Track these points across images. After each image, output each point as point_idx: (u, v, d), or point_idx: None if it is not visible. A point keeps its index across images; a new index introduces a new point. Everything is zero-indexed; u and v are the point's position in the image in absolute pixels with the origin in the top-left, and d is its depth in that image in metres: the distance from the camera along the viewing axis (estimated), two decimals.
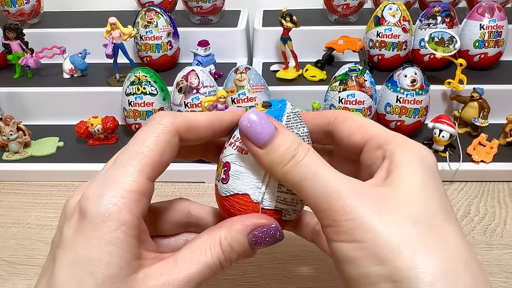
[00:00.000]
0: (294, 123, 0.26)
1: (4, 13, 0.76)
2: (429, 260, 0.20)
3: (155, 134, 0.24)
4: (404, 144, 0.25)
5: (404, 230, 0.21)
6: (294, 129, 0.26)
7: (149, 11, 0.69)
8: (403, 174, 0.23)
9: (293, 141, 0.23)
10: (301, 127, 0.26)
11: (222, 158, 0.27)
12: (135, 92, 0.58)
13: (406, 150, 0.24)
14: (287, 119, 0.26)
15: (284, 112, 0.26)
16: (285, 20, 0.66)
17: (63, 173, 0.58)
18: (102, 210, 0.22)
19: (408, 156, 0.24)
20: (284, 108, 0.26)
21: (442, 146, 0.57)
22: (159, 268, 0.23)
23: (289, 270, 0.43)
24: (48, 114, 0.67)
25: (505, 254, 0.46)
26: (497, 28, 0.67)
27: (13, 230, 0.50)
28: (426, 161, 0.24)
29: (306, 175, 0.22)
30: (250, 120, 0.24)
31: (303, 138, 0.26)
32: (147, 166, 0.23)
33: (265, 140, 0.23)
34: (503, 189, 0.55)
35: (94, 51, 0.70)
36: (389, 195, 0.22)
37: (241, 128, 0.24)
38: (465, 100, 0.62)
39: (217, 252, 0.24)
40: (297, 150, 0.23)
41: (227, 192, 0.26)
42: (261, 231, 0.24)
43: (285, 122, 0.26)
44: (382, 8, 0.67)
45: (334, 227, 0.22)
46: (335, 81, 0.58)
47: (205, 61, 0.68)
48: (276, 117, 0.26)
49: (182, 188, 0.56)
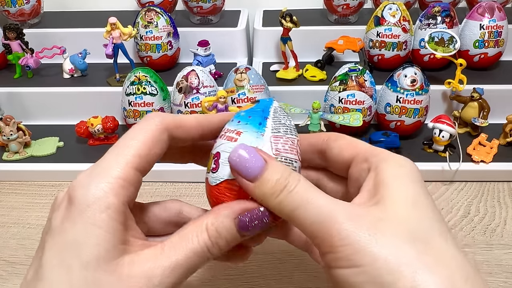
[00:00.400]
0: (280, 115, 0.27)
1: (4, 13, 0.76)
2: (430, 279, 0.20)
3: (143, 130, 0.25)
4: (388, 157, 0.26)
5: (401, 250, 0.21)
6: (282, 120, 0.27)
7: (149, 11, 0.69)
8: (392, 190, 0.24)
9: (283, 171, 0.24)
10: (287, 119, 0.27)
11: (212, 152, 0.28)
12: (135, 92, 0.58)
13: (391, 163, 0.25)
14: (274, 111, 0.27)
15: (271, 105, 0.27)
16: (285, 20, 0.66)
17: (63, 173, 0.58)
18: (89, 195, 0.22)
19: (394, 169, 0.25)
20: (272, 102, 0.28)
21: (442, 146, 0.58)
22: (146, 254, 0.23)
23: (289, 270, 0.43)
24: (48, 114, 0.67)
25: (505, 254, 0.46)
26: (497, 28, 0.67)
27: (13, 230, 0.50)
28: (412, 173, 0.25)
29: (299, 204, 0.23)
30: (239, 156, 0.24)
31: (291, 130, 0.27)
32: (135, 157, 0.24)
33: (255, 174, 0.24)
34: (503, 189, 0.55)
35: (94, 51, 0.70)
36: (382, 214, 0.22)
37: (231, 164, 0.24)
38: (465, 100, 0.62)
39: (203, 238, 0.24)
40: (288, 180, 0.23)
41: (216, 181, 0.26)
42: (247, 215, 0.24)
43: (272, 114, 0.27)
44: (382, 8, 0.67)
45: (332, 253, 0.22)
46: (335, 81, 0.58)
47: (205, 61, 0.68)
48: (264, 110, 0.27)
49: (182, 188, 0.56)
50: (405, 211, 0.23)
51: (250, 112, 0.27)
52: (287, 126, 0.27)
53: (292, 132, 0.27)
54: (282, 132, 0.26)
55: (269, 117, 0.26)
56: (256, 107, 0.27)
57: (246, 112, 0.27)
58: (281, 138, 0.26)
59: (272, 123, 0.26)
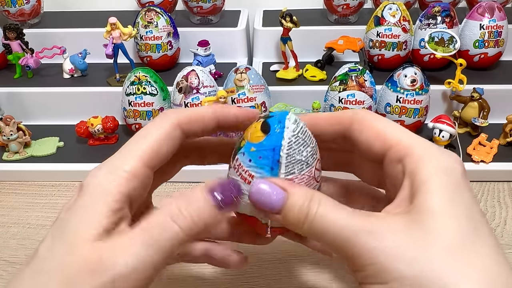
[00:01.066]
0: (296, 147, 0.25)
1: (4, 13, 0.76)
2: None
3: (156, 127, 0.26)
4: (425, 156, 0.23)
5: (432, 265, 0.20)
6: (297, 156, 0.25)
7: (149, 11, 0.69)
8: (426, 200, 0.22)
9: (304, 198, 0.23)
10: (304, 149, 0.25)
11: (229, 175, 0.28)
12: (135, 92, 0.58)
13: (428, 166, 0.23)
14: (288, 147, 0.25)
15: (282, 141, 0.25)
16: (285, 20, 0.66)
17: (63, 173, 0.58)
18: (95, 182, 0.24)
19: (430, 174, 0.23)
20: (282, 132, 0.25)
21: (442, 146, 0.58)
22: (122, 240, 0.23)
23: (289, 270, 0.43)
24: (48, 114, 0.67)
25: (505, 254, 0.46)
26: (497, 28, 0.67)
27: (13, 230, 0.50)
28: (451, 173, 0.23)
29: (324, 228, 0.23)
30: (260, 192, 0.24)
31: (307, 162, 0.26)
32: (145, 153, 0.25)
33: (278, 208, 0.24)
34: (503, 189, 0.55)
35: (94, 51, 0.70)
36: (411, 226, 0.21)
37: (252, 200, 0.25)
38: (465, 100, 0.62)
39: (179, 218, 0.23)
40: (309, 206, 0.23)
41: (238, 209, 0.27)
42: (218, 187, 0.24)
43: (285, 152, 0.25)
44: (382, 8, 0.67)
45: (361, 272, 0.22)
46: (335, 81, 0.58)
47: (205, 61, 0.68)
48: (275, 149, 0.25)
49: (182, 188, 0.56)
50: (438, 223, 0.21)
51: (260, 150, 0.25)
52: (302, 161, 0.25)
53: (309, 163, 0.26)
54: (297, 172, 0.25)
55: (281, 159, 0.25)
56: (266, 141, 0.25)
57: (256, 149, 0.25)
58: (295, 178, 0.25)
59: (285, 167, 0.25)
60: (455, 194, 0.22)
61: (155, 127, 0.26)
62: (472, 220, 0.22)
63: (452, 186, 0.22)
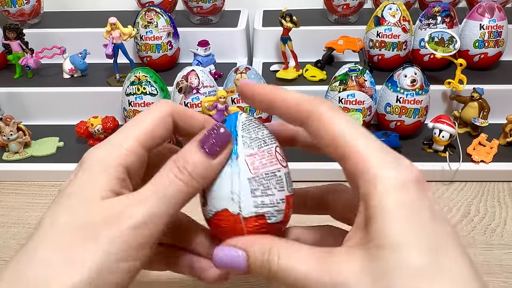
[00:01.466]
0: (250, 129, 0.27)
1: (4, 13, 0.76)
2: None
3: (150, 112, 0.27)
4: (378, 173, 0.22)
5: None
6: (252, 134, 0.26)
7: (149, 11, 0.69)
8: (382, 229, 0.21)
9: (263, 252, 0.24)
10: (259, 130, 0.27)
11: None
12: (135, 92, 0.58)
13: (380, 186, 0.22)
14: (242, 129, 0.26)
15: (236, 122, 0.27)
16: (285, 20, 0.66)
17: (63, 173, 0.58)
18: (95, 157, 0.25)
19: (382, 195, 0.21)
20: (237, 117, 0.27)
21: (442, 146, 0.58)
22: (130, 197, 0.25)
23: None
24: (48, 114, 0.67)
25: (505, 254, 0.46)
26: (497, 28, 0.67)
27: (13, 230, 0.50)
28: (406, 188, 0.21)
29: (286, 276, 0.23)
30: (223, 261, 0.25)
31: (265, 141, 0.26)
32: (140, 134, 0.26)
33: (244, 269, 0.25)
34: (503, 189, 0.55)
35: (94, 51, 0.70)
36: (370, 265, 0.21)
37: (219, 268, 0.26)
38: (465, 100, 0.62)
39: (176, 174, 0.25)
40: (269, 260, 0.24)
41: (210, 213, 0.26)
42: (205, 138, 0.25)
43: (240, 132, 0.26)
44: (382, 8, 0.67)
45: None
46: (335, 81, 0.58)
47: (205, 61, 0.68)
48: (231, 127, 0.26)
49: None
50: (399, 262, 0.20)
51: None
52: (260, 139, 0.26)
53: (267, 142, 0.26)
54: (256, 148, 0.26)
55: (238, 137, 0.26)
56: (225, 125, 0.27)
57: None
58: (255, 154, 0.26)
59: (242, 143, 0.26)
60: (412, 214, 0.21)
61: (149, 112, 0.27)
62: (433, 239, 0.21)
63: (407, 207, 0.21)
